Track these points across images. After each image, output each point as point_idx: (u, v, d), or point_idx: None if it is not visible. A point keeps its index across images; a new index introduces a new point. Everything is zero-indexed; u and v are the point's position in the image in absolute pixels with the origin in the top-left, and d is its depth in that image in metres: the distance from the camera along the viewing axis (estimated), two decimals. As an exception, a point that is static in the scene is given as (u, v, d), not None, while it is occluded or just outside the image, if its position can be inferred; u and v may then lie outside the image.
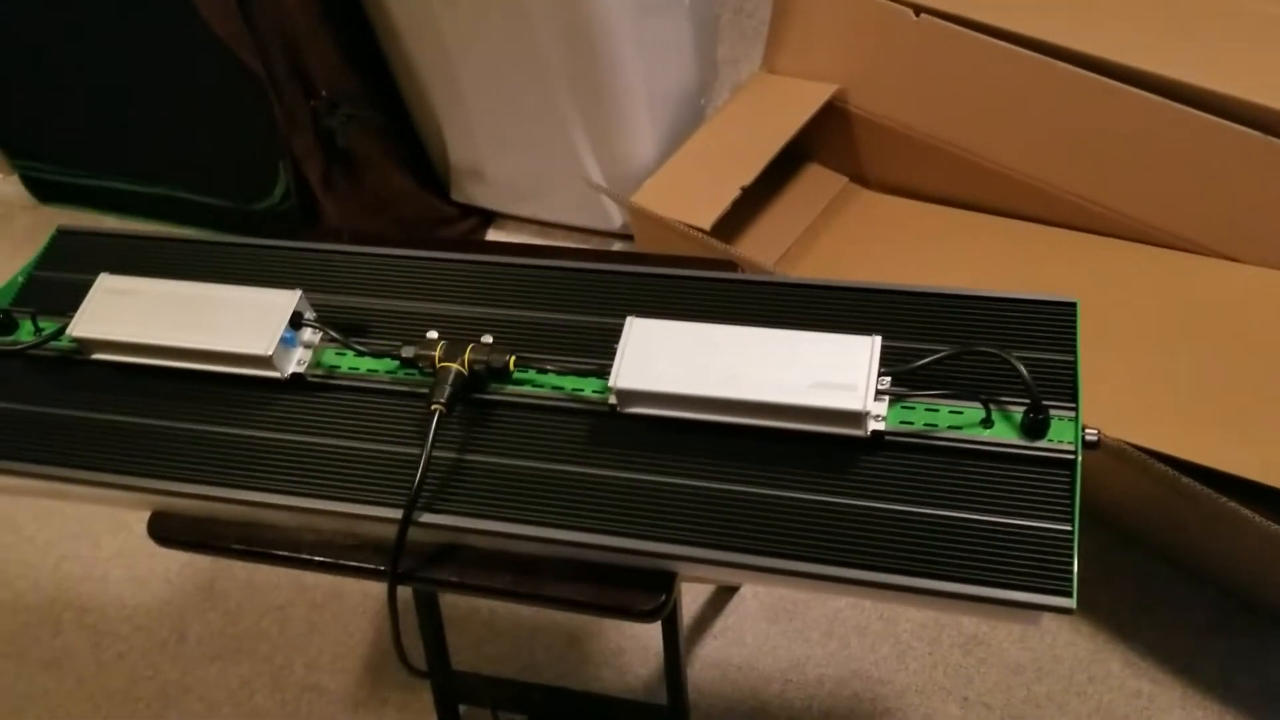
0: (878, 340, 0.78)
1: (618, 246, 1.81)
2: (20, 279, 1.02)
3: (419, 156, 1.82)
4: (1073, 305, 0.83)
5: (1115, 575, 1.38)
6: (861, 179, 1.75)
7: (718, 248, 1.45)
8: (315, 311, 0.91)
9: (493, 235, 1.88)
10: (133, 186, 1.95)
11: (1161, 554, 1.39)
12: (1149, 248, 1.45)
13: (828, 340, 0.79)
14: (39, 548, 1.68)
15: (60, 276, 1.02)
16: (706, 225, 1.48)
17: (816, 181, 1.76)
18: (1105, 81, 1.39)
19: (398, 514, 0.80)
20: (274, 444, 0.87)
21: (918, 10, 1.52)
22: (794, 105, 1.64)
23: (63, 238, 1.06)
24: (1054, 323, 0.83)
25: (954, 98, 1.54)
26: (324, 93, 1.55)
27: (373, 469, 0.84)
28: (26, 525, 1.71)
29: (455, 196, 1.85)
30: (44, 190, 2.10)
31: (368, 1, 1.58)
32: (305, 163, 1.59)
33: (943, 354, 0.79)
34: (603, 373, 0.84)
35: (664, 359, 0.80)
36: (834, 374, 0.77)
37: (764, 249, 1.67)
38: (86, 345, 0.91)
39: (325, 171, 1.62)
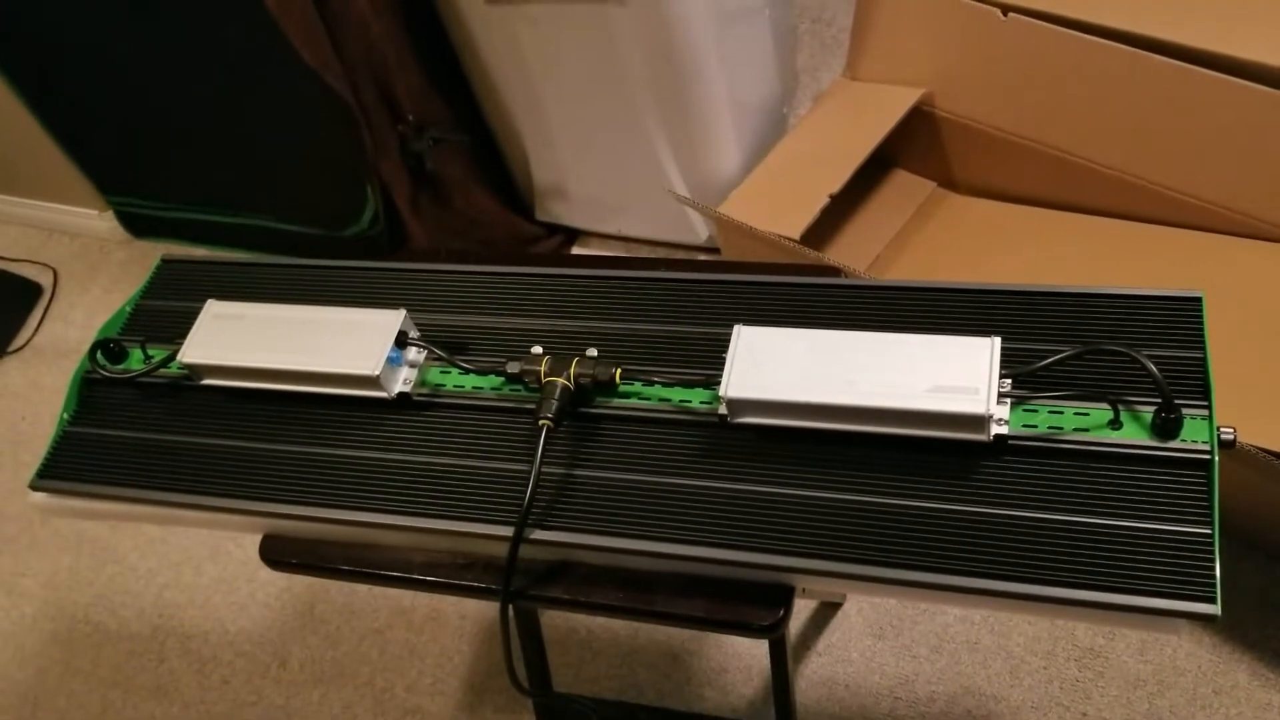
0: (998, 341, 0.75)
1: (703, 258, 1.80)
2: (128, 308, 1.04)
3: (503, 177, 1.83)
4: (1198, 300, 0.80)
5: (1237, 583, 1.32)
6: (950, 183, 1.72)
7: (810, 255, 1.43)
8: (418, 330, 0.91)
9: (577, 250, 1.88)
10: (223, 218, 1.99)
11: (1284, 560, 1.34)
12: (1256, 242, 1.40)
13: (945, 342, 0.76)
14: (141, 576, 1.71)
15: (166, 305, 1.03)
16: (796, 234, 1.46)
17: (904, 187, 1.74)
18: (1203, 72, 1.34)
19: (509, 531, 0.80)
20: (383, 464, 0.87)
21: (1005, 10, 1.49)
22: (880, 110, 1.61)
23: (167, 267, 1.08)
24: (1179, 318, 0.80)
25: (1045, 96, 1.50)
26: (410, 117, 1.56)
27: (482, 486, 0.84)
28: (128, 555, 1.74)
29: (539, 216, 1.86)
30: (137, 225, 2.15)
31: (451, 25, 1.60)
32: (393, 187, 1.60)
33: (1065, 354, 0.76)
34: (710, 383, 0.82)
35: (775, 367, 0.78)
36: (954, 377, 0.74)
37: (853, 257, 1.64)
38: (197, 370, 0.92)
39: (413, 195, 1.64)
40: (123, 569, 1.73)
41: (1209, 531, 0.69)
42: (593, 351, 0.86)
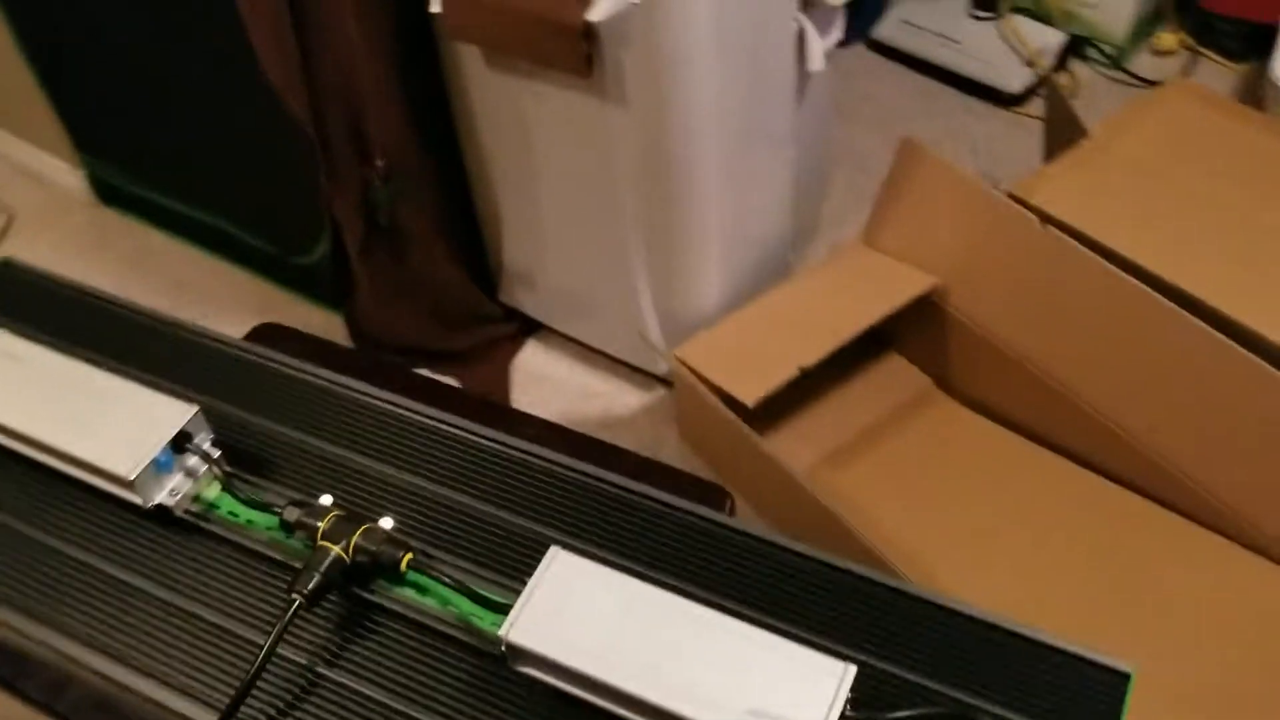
0: (851, 670, 0.59)
1: (660, 391, 1.64)
2: (-64, 313, 0.90)
3: (472, 246, 1.67)
4: (1126, 676, 0.63)
5: None
6: (945, 382, 1.55)
7: (747, 435, 1.27)
8: (214, 433, 0.76)
9: (532, 347, 1.71)
10: (190, 210, 1.86)
11: None
12: (1236, 547, 1.26)
13: (790, 652, 0.60)
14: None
15: (-19, 316, 0.89)
16: (750, 401, 1.31)
17: (895, 376, 1.57)
18: (1235, 349, 1.19)
19: (213, 718, 0.64)
20: (114, 584, 0.71)
21: (1044, 219, 1.33)
22: (886, 288, 1.46)
23: (5, 271, 0.95)
24: (1097, 693, 0.63)
25: (1061, 323, 1.34)
26: (379, 162, 1.42)
27: (209, 650, 0.67)
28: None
29: (502, 298, 1.70)
30: (106, 192, 2.02)
31: (449, 78, 1.46)
32: (345, 228, 1.46)
33: (927, 713, 0.59)
34: (507, 602, 0.65)
35: (578, 616, 0.62)
36: (783, 704, 0.58)
37: (812, 441, 1.47)
38: (-52, 410, 0.77)
39: (365, 242, 1.49)
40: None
41: None
42: (388, 521, 0.70)
